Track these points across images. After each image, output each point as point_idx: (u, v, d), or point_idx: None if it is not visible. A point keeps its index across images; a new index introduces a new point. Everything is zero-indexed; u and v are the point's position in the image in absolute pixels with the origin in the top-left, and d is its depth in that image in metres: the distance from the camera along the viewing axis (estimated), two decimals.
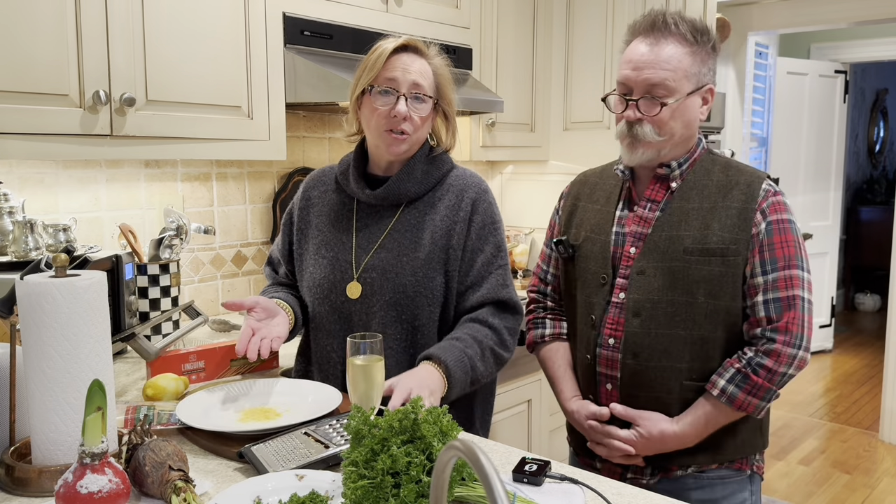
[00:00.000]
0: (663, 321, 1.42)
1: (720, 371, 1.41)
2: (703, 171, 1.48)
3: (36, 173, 1.94)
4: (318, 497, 0.97)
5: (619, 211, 1.53)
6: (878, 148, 7.51)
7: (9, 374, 1.15)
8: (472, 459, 0.58)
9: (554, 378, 1.63)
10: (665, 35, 1.42)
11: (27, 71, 1.57)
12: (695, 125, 1.47)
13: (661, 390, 1.44)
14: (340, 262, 1.51)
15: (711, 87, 1.47)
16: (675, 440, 1.42)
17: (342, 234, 1.54)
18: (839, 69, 5.63)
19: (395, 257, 1.49)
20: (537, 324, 1.70)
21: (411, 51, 1.48)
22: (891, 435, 4.08)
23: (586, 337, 1.53)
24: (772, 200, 1.42)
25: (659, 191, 1.49)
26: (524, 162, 3.19)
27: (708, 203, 1.44)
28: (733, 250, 1.40)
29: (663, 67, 1.41)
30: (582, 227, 1.58)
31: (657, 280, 1.43)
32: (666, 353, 1.42)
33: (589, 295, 1.52)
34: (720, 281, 1.40)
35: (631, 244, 1.48)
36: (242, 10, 1.96)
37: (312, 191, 1.63)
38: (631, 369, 1.45)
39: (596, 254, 1.52)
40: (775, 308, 1.38)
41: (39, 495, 1.06)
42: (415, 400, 1.03)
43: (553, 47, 3.07)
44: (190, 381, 1.56)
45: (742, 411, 1.39)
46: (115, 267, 1.82)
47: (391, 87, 1.44)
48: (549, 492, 1.10)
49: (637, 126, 1.45)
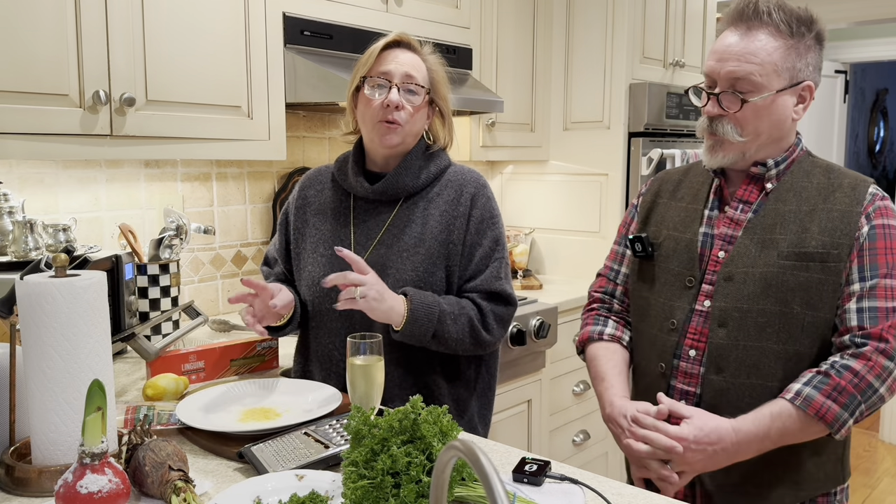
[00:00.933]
0: (753, 333, 1.28)
1: (797, 379, 1.24)
2: (803, 173, 1.34)
3: (36, 173, 1.94)
4: (317, 497, 0.97)
5: (707, 210, 1.40)
6: (878, 148, 7.50)
7: (9, 374, 1.15)
8: (472, 459, 0.58)
9: (604, 375, 1.45)
10: (757, 25, 1.28)
11: (27, 71, 1.57)
12: (786, 125, 1.33)
13: (749, 411, 1.25)
14: (340, 259, 1.51)
15: (810, 85, 1.32)
16: (733, 438, 1.23)
17: (340, 230, 1.55)
18: (839, 69, 5.63)
19: (394, 253, 1.49)
20: (598, 321, 1.55)
21: (404, 46, 1.51)
22: (891, 435, 4.08)
23: (661, 343, 1.38)
24: (879, 205, 1.28)
25: (753, 191, 1.35)
26: (524, 162, 3.19)
27: (807, 206, 1.30)
28: (834, 255, 1.25)
29: (749, 60, 1.27)
30: (663, 225, 1.45)
31: (747, 287, 1.29)
32: (755, 368, 1.27)
33: (669, 298, 1.39)
34: (819, 289, 1.25)
35: (720, 248, 1.35)
36: (242, 10, 1.96)
37: (308, 189, 1.64)
38: (714, 386, 1.29)
39: (680, 253, 1.39)
40: (871, 318, 1.22)
41: (39, 495, 1.06)
42: (414, 400, 1.03)
43: (553, 47, 3.07)
44: (190, 381, 1.56)
45: (818, 419, 1.21)
46: (115, 267, 1.82)
47: (385, 78, 1.46)
48: (549, 492, 1.10)
49: (718, 123, 1.32)
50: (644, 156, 2.87)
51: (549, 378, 2.68)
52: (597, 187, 3.00)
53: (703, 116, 1.36)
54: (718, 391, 1.29)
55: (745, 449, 1.24)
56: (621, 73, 2.89)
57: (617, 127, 2.92)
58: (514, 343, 2.37)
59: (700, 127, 1.37)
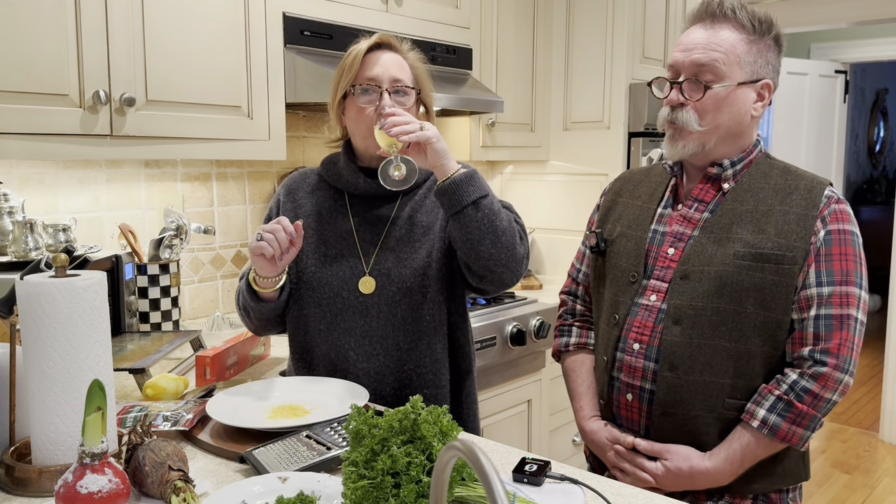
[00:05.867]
0: (707, 330, 1.30)
1: (757, 399, 1.29)
2: (760, 174, 1.37)
3: (36, 173, 1.94)
4: (305, 498, 0.98)
5: (660, 208, 1.44)
6: (879, 148, 7.51)
7: (9, 374, 1.15)
8: (472, 459, 0.58)
9: (574, 394, 1.54)
10: (721, 20, 1.34)
11: (27, 71, 1.57)
12: (745, 122, 1.36)
13: (702, 408, 1.31)
14: (347, 258, 1.50)
15: (769, 83, 1.36)
16: (706, 478, 1.30)
17: (341, 229, 1.53)
18: (839, 69, 5.63)
19: (404, 245, 1.49)
20: (563, 331, 1.61)
21: (385, 48, 1.49)
22: (891, 435, 4.08)
23: (607, 337, 1.44)
24: (834, 208, 1.31)
25: (709, 191, 1.38)
26: (524, 162, 3.19)
27: (764, 206, 1.33)
28: (789, 258, 1.28)
29: (715, 49, 1.32)
30: (619, 223, 1.49)
31: (702, 285, 1.31)
32: (708, 366, 1.30)
33: (616, 293, 1.43)
34: (772, 291, 1.28)
35: (670, 244, 1.38)
36: (242, 10, 1.96)
37: (297, 193, 1.60)
38: (669, 383, 1.32)
39: (629, 250, 1.43)
40: (826, 326, 1.26)
41: (39, 495, 1.06)
42: (414, 400, 1.03)
43: (553, 47, 3.07)
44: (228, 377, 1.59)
45: (785, 443, 1.28)
46: (115, 267, 1.82)
47: (373, 84, 1.45)
48: (549, 492, 1.10)
49: (678, 112, 1.36)
50: (644, 156, 2.87)
51: (549, 378, 2.68)
52: (597, 187, 3.00)
53: (664, 107, 1.40)
54: (672, 388, 1.32)
55: (718, 482, 1.32)
56: (621, 73, 2.89)
57: (617, 127, 2.92)
58: (513, 343, 2.37)
59: (661, 118, 1.41)
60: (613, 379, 1.41)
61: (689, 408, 1.32)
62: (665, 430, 1.35)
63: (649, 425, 1.37)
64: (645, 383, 1.36)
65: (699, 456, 1.32)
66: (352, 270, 1.49)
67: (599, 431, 1.45)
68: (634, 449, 1.38)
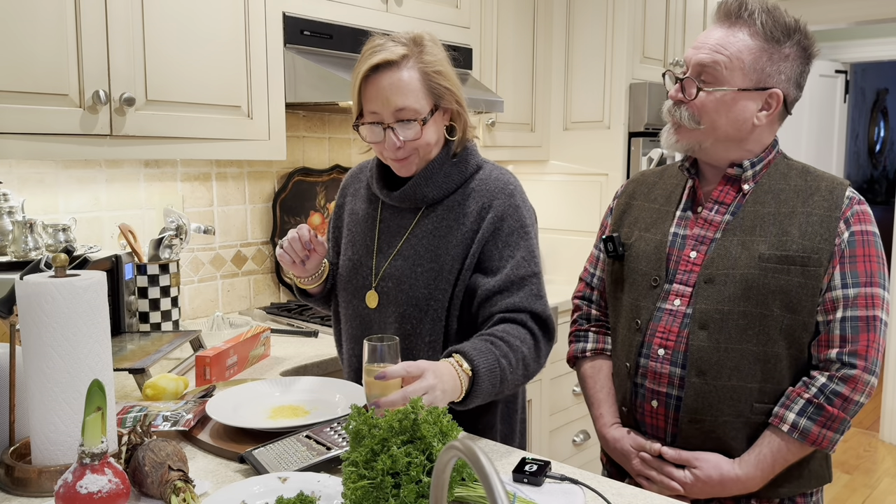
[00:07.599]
0: (734, 335, 1.29)
1: (786, 403, 1.28)
2: (779, 175, 1.35)
3: (36, 173, 1.94)
4: (305, 498, 0.98)
5: (679, 211, 1.41)
6: (879, 148, 7.50)
7: (9, 374, 1.15)
8: (472, 459, 0.58)
9: (593, 400, 1.50)
10: (739, 23, 1.31)
11: (27, 71, 1.57)
12: (745, 129, 1.33)
13: (730, 413, 1.29)
14: (363, 266, 1.49)
15: (777, 93, 1.31)
16: (737, 485, 1.29)
17: (366, 235, 1.51)
18: (839, 69, 5.63)
19: (410, 266, 1.43)
20: (579, 337, 1.57)
21: (384, 68, 1.35)
22: (891, 435, 4.08)
23: (628, 343, 1.40)
24: (856, 209, 1.30)
25: (728, 192, 1.36)
26: (524, 162, 3.19)
27: (786, 208, 1.31)
28: (815, 260, 1.27)
29: (720, 52, 1.30)
30: (635, 226, 1.46)
31: (728, 289, 1.30)
32: (736, 370, 1.29)
33: (636, 298, 1.40)
34: (798, 293, 1.27)
35: (692, 248, 1.36)
36: (242, 10, 1.96)
37: (349, 187, 1.61)
38: (697, 389, 1.30)
39: (649, 254, 1.40)
40: (853, 328, 1.25)
41: (39, 495, 1.06)
42: (414, 400, 1.03)
43: (553, 47, 3.07)
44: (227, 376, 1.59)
45: (815, 447, 1.27)
46: (114, 267, 1.82)
47: (375, 119, 1.38)
48: (549, 492, 1.10)
49: (677, 108, 1.36)
50: (644, 156, 2.87)
51: (549, 378, 2.68)
52: (597, 187, 3.00)
53: (667, 100, 1.39)
54: (701, 394, 1.30)
55: (749, 488, 1.30)
56: (621, 73, 2.89)
57: (617, 127, 2.92)
58: None
59: (663, 109, 1.40)
60: (637, 385, 1.38)
61: (717, 414, 1.30)
62: (692, 437, 1.33)
63: (676, 432, 1.35)
64: (671, 389, 1.34)
65: (729, 463, 1.30)
66: (363, 280, 1.48)
67: (623, 439, 1.42)
68: (660, 456, 1.36)
